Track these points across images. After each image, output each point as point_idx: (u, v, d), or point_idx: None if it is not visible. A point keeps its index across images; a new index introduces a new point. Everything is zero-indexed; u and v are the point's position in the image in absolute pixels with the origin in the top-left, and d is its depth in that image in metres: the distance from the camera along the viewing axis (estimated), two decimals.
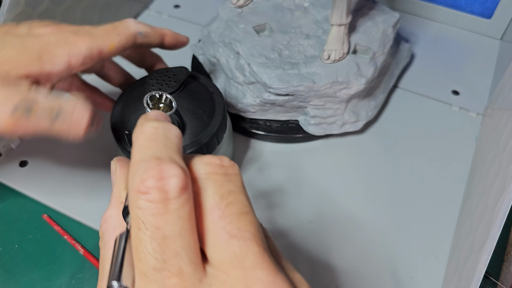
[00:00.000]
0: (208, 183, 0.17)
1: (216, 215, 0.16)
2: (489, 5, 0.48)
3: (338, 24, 0.37)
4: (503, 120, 0.33)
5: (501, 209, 0.25)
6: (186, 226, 0.16)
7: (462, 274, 0.28)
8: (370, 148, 0.41)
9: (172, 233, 0.15)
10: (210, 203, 0.17)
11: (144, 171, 0.16)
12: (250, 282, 0.15)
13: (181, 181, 0.16)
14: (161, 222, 0.15)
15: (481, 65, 0.47)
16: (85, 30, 0.29)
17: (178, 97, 0.31)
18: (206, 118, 0.32)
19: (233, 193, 0.17)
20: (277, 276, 0.16)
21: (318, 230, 0.36)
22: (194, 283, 0.15)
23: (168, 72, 0.32)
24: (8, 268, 0.35)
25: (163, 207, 0.15)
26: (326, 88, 0.37)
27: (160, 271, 0.15)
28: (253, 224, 0.17)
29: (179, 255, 0.15)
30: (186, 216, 0.16)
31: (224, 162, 0.18)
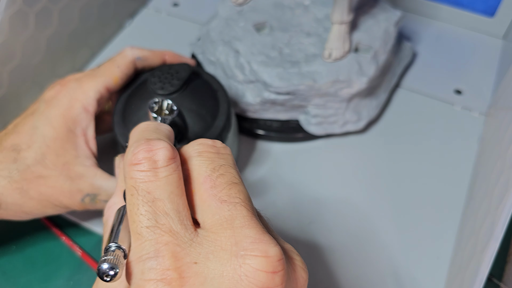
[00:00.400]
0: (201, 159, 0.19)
1: (208, 185, 0.18)
2: (491, 3, 0.48)
3: (339, 22, 0.37)
4: (506, 119, 0.33)
5: (504, 210, 0.25)
6: (175, 191, 0.18)
7: (464, 275, 0.28)
8: (372, 148, 0.41)
9: (162, 196, 0.17)
10: (203, 175, 0.18)
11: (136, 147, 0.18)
12: (239, 239, 0.16)
13: (168, 152, 0.18)
14: (151, 187, 0.17)
15: (483, 64, 0.47)
16: (88, 75, 0.32)
17: (181, 96, 0.31)
18: (210, 118, 0.31)
19: (223, 166, 0.19)
20: (264, 234, 0.17)
21: (318, 231, 0.36)
22: (185, 241, 0.17)
23: (171, 69, 0.31)
24: (5, 269, 0.34)
25: (153, 174, 0.18)
26: (327, 87, 0.37)
27: (153, 229, 0.17)
28: (242, 192, 0.18)
29: (169, 215, 0.17)
30: (174, 183, 0.18)
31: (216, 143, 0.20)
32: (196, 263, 0.16)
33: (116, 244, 0.17)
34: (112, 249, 0.17)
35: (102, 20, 0.47)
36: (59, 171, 0.30)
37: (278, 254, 0.16)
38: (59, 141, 0.30)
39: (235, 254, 0.16)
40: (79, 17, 0.43)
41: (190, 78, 0.31)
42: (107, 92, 0.32)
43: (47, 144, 0.30)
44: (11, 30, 0.36)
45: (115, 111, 0.32)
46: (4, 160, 0.29)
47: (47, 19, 0.40)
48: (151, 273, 0.16)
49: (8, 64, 0.37)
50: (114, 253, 0.17)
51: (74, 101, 0.31)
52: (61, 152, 0.30)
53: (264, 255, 0.16)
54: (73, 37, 0.44)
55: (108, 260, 0.16)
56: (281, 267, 0.16)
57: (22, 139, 0.30)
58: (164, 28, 0.51)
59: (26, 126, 0.31)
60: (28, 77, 0.40)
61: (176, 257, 0.16)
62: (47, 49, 0.41)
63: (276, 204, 0.37)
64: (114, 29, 0.50)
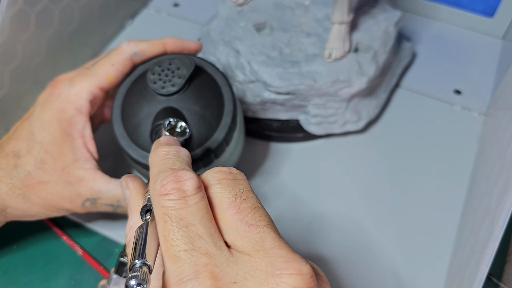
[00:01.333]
0: (221, 186, 0.20)
1: (233, 211, 0.19)
2: (491, 3, 0.48)
3: (339, 22, 0.37)
4: (505, 119, 0.33)
5: (503, 210, 0.25)
6: (205, 216, 0.19)
7: (464, 275, 0.28)
8: (372, 148, 0.41)
9: (194, 221, 0.18)
10: (226, 202, 0.19)
11: (164, 178, 0.19)
12: (273, 259, 0.17)
13: (196, 182, 0.19)
14: (183, 214, 0.18)
15: (483, 64, 0.47)
16: (81, 74, 0.31)
17: (183, 97, 0.29)
18: (214, 120, 0.29)
19: (245, 192, 0.20)
20: (294, 254, 0.18)
21: (318, 231, 0.36)
22: (222, 262, 0.17)
23: (172, 64, 0.29)
24: (6, 269, 0.34)
25: (183, 202, 0.18)
26: (327, 87, 0.37)
27: (191, 252, 0.17)
28: (266, 215, 0.19)
29: (203, 238, 0.18)
30: (203, 208, 0.19)
31: (232, 170, 0.21)
32: (235, 283, 0.17)
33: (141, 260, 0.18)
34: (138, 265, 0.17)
35: (103, 20, 0.47)
36: (58, 176, 0.30)
37: (311, 271, 0.17)
38: (56, 146, 0.30)
39: (272, 274, 0.17)
40: (80, 17, 0.44)
41: (192, 74, 0.29)
42: (101, 92, 0.31)
43: (45, 149, 0.29)
44: (12, 30, 0.36)
45: (113, 108, 0.31)
46: (5, 166, 0.30)
47: (48, 19, 0.40)
48: None
49: (9, 64, 0.37)
50: (141, 270, 0.17)
51: (67, 103, 0.30)
52: (59, 156, 0.30)
53: (299, 272, 0.17)
54: (74, 37, 0.44)
55: (136, 277, 0.17)
56: (314, 283, 0.17)
57: (21, 144, 0.30)
58: (164, 28, 0.51)
59: (24, 132, 0.30)
60: (29, 77, 0.40)
61: (215, 278, 0.17)
62: (48, 49, 0.41)
63: (276, 203, 0.38)
64: (114, 29, 0.50)
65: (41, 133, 0.30)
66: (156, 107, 0.29)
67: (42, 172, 0.29)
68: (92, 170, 0.30)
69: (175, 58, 0.30)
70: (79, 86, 0.30)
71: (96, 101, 0.31)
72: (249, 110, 0.40)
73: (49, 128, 0.30)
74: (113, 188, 0.30)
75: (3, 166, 0.30)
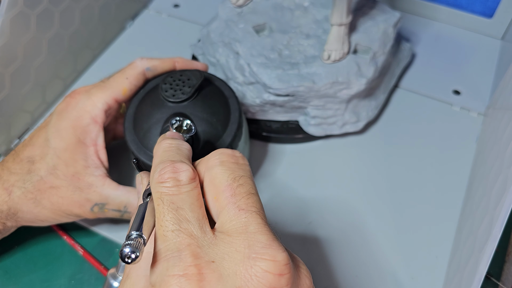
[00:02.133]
0: (222, 168, 0.21)
1: (229, 193, 0.20)
2: (490, 4, 0.48)
3: (338, 23, 0.37)
4: (504, 120, 0.33)
5: (502, 210, 0.25)
6: (195, 203, 0.20)
7: (463, 275, 0.28)
8: (371, 149, 0.41)
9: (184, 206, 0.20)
10: (224, 184, 0.21)
11: (162, 168, 0.21)
12: (252, 243, 0.18)
13: (191, 174, 0.21)
14: (175, 199, 0.20)
15: (482, 65, 0.47)
16: (97, 86, 0.33)
17: (192, 104, 0.31)
18: (221, 127, 0.31)
19: (243, 177, 0.21)
20: (274, 241, 0.19)
21: (318, 231, 0.36)
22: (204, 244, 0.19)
23: (182, 76, 0.31)
24: (7, 268, 0.35)
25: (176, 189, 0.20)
26: (327, 89, 0.37)
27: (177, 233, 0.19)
28: (258, 202, 0.20)
29: (190, 222, 0.19)
30: (194, 196, 0.20)
31: (235, 153, 0.22)
32: (213, 262, 0.18)
33: (138, 232, 0.19)
34: (133, 236, 0.19)
35: (103, 22, 0.47)
36: (69, 181, 0.31)
37: (285, 259, 0.18)
38: (69, 152, 0.31)
39: (248, 256, 0.18)
40: (80, 19, 0.44)
41: (201, 85, 0.31)
42: (116, 103, 0.33)
43: (58, 155, 0.31)
44: (12, 32, 0.36)
45: (126, 117, 0.33)
46: (20, 171, 0.31)
47: (48, 20, 0.40)
48: (174, 269, 0.18)
49: (10, 66, 0.37)
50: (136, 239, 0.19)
51: (83, 112, 0.32)
52: (71, 163, 0.31)
53: (273, 259, 0.18)
54: (74, 39, 0.44)
55: (130, 245, 0.18)
56: (287, 271, 0.18)
57: (35, 151, 0.32)
58: (164, 29, 0.51)
59: (40, 139, 0.32)
60: (29, 78, 0.40)
61: (196, 256, 0.18)
62: (49, 51, 0.41)
63: (275, 204, 0.38)
64: (115, 31, 0.50)
65: (56, 140, 0.31)
66: (166, 113, 0.31)
67: (53, 177, 0.31)
68: (102, 176, 0.32)
69: (186, 71, 0.32)
70: (95, 97, 0.32)
71: (111, 112, 0.33)
72: (249, 111, 0.40)
73: (64, 135, 0.31)
74: (120, 194, 0.32)
75: (17, 171, 0.31)
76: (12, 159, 0.32)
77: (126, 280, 0.21)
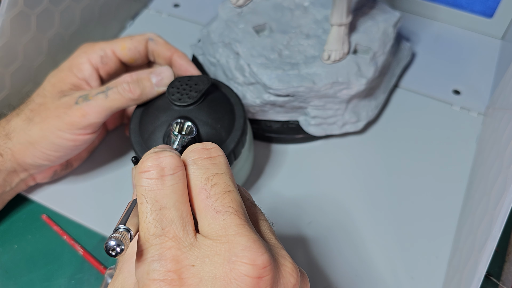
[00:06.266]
0: (195, 167, 0.21)
1: (204, 196, 0.20)
2: (490, 4, 0.48)
3: (338, 24, 0.37)
4: (504, 120, 0.33)
5: (502, 209, 0.25)
6: (180, 199, 0.19)
7: (462, 274, 0.28)
8: (371, 148, 0.41)
9: (168, 205, 0.19)
10: (198, 186, 0.20)
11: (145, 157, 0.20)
12: (232, 246, 0.18)
13: (174, 160, 0.20)
14: (159, 195, 0.19)
15: (482, 64, 0.47)
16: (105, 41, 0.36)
17: (197, 109, 0.31)
18: (225, 133, 0.31)
19: (217, 175, 0.20)
20: (255, 242, 0.19)
21: (318, 231, 0.36)
22: (186, 246, 0.19)
23: (190, 80, 0.32)
24: (7, 268, 0.35)
25: (160, 182, 0.19)
26: (327, 89, 0.37)
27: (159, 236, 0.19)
28: (235, 201, 0.20)
29: (174, 222, 0.19)
30: (179, 191, 0.20)
31: (206, 145, 0.21)
32: (193, 266, 0.18)
33: (125, 226, 0.19)
34: (120, 229, 0.19)
35: (103, 21, 0.47)
36: (54, 94, 0.33)
37: (265, 262, 0.18)
38: (57, 77, 0.34)
39: (228, 260, 0.18)
40: (80, 19, 0.44)
41: (208, 91, 0.32)
42: (113, 55, 0.35)
43: (48, 80, 0.34)
44: (12, 32, 0.36)
45: (132, 118, 0.33)
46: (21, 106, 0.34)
47: (48, 20, 0.40)
48: (155, 274, 0.18)
49: (10, 66, 0.38)
50: (121, 233, 0.19)
51: (82, 53, 0.35)
52: (58, 84, 0.34)
53: (252, 262, 0.18)
54: (75, 39, 0.44)
55: (115, 238, 0.18)
56: (266, 273, 0.18)
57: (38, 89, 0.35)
58: (165, 29, 0.51)
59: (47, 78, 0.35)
60: (30, 78, 0.40)
61: (176, 260, 0.18)
62: (49, 51, 0.41)
63: (275, 204, 0.38)
64: (115, 30, 0.50)
65: (53, 72, 0.35)
66: (172, 116, 0.31)
67: (42, 97, 0.34)
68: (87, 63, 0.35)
69: (194, 76, 0.32)
70: (96, 45, 0.35)
71: (107, 62, 0.35)
72: (249, 111, 0.40)
73: (60, 68, 0.35)
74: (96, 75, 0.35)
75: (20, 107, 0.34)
76: None
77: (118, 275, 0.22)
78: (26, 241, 0.36)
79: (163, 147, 0.23)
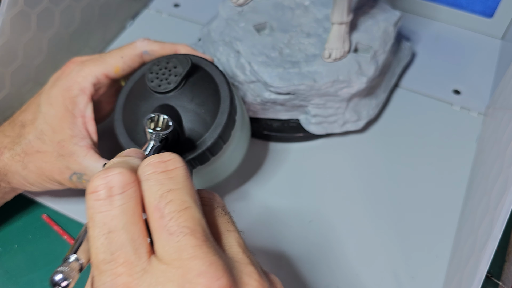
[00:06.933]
0: (149, 183, 0.19)
1: (157, 215, 0.18)
2: (490, 4, 0.48)
3: (339, 22, 0.37)
4: (504, 119, 0.33)
5: (502, 209, 0.25)
6: (130, 220, 0.18)
7: (463, 274, 0.28)
8: (371, 147, 0.41)
9: (117, 228, 0.18)
10: (152, 204, 0.18)
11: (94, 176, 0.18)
12: (186, 271, 0.17)
13: (124, 177, 0.18)
14: (108, 218, 0.18)
15: (482, 64, 0.47)
16: (92, 59, 0.33)
17: (179, 94, 0.29)
18: (210, 117, 0.29)
19: (172, 191, 0.18)
20: (211, 266, 0.17)
21: (318, 230, 0.36)
22: (138, 271, 0.17)
23: (169, 63, 0.30)
24: (7, 268, 0.35)
25: (108, 203, 0.18)
26: (327, 87, 0.37)
27: (109, 263, 0.17)
28: (192, 218, 0.18)
29: (124, 246, 0.17)
30: (130, 211, 0.18)
31: (163, 157, 0.19)
32: None
33: (75, 256, 0.18)
34: (70, 260, 0.18)
35: (104, 21, 0.47)
36: (54, 148, 0.31)
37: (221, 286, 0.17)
38: (57, 119, 0.32)
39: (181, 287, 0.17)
40: (80, 18, 0.44)
41: (190, 73, 0.30)
42: (106, 79, 0.33)
43: (46, 121, 0.32)
44: (12, 31, 0.36)
45: (116, 108, 0.32)
46: (11, 134, 0.32)
47: (48, 20, 0.40)
48: None
49: (10, 65, 0.37)
50: (70, 265, 0.18)
51: (73, 82, 0.32)
52: (58, 130, 0.31)
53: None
54: (75, 38, 0.44)
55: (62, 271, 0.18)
56: None
57: (28, 116, 0.33)
58: (165, 28, 0.51)
59: (33, 104, 0.33)
60: (30, 77, 0.40)
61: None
62: (49, 50, 0.41)
63: (275, 203, 0.38)
64: (115, 30, 0.50)
65: (46, 106, 0.32)
66: (153, 105, 0.29)
67: (40, 142, 0.31)
68: (86, 147, 0.32)
69: (173, 57, 0.30)
70: (87, 69, 0.32)
71: (100, 86, 0.33)
72: (250, 110, 0.40)
73: (54, 102, 0.32)
74: (100, 167, 0.31)
75: (9, 134, 0.32)
76: (8, 123, 0.33)
77: None
78: (26, 241, 0.36)
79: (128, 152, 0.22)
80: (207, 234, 0.18)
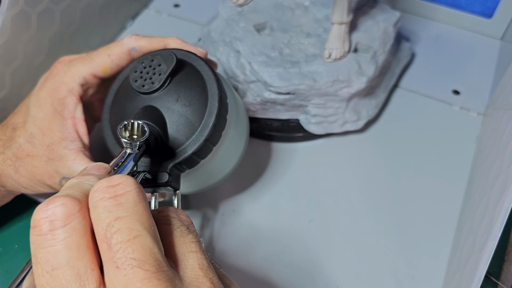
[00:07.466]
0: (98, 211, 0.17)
1: (105, 247, 0.17)
2: (489, 4, 0.48)
3: (339, 22, 0.37)
4: (503, 119, 0.33)
5: (502, 209, 0.25)
6: (75, 255, 0.17)
7: (463, 274, 0.28)
8: (371, 147, 0.41)
9: (61, 264, 0.16)
10: (100, 233, 0.17)
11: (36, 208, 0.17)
12: None
13: (67, 209, 0.17)
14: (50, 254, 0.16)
15: (481, 64, 0.47)
16: (80, 58, 0.32)
17: (164, 94, 0.27)
18: (196, 118, 0.27)
19: (119, 219, 0.17)
20: None
21: (318, 230, 0.36)
22: None
23: (154, 60, 0.28)
24: (7, 268, 0.35)
25: (51, 238, 0.17)
26: (327, 87, 0.37)
27: None
28: (141, 248, 0.17)
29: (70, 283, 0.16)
30: (74, 245, 0.17)
31: (112, 182, 0.18)
32: None
33: None
34: None
35: (104, 21, 0.47)
36: (44, 151, 0.31)
37: None
38: (46, 122, 0.31)
39: None
40: (80, 18, 0.44)
41: (175, 70, 0.28)
42: (94, 79, 0.32)
43: (36, 124, 0.31)
44: (13, 31, 0.36)
45: (104, 108, 0.30)
46: (3, 137, 0.32)
47: (49, 19, 0.40)
48: None
49: (10, 64, 0.37)
50: None
51: (60, 83, 0.31)
52: (47, 133, 0.31)
53: None
54: (75, 38, 0.44)
55: None
56: None
57: (19, 118, 0.32)
58: (165, 29, 0.51)
59: (24, 106, 0.32)
60: (30, 77, 0.40)
61: None
62: (49, 50, 0.41)
63: (276, 202, 0.38)
64: (115, 30, 0.50)
65: (35, 108, 0.31)
66: (138, 106, 0.28)
67: (30, 146, 0.31)
68: (75, 150, 0.31)
69: (158, 54, 0.28)
70: (74, 69, 0.31)
71: (88, 86, 0.32)
72: (249, 109, 0.40)
73: (42, 105, 0.31)
74: None
75: (1, 137, 0.32)
76: (1, 126, 0.33)
77: None
78: (27, 241, 0.36)
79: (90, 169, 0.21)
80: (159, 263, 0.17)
